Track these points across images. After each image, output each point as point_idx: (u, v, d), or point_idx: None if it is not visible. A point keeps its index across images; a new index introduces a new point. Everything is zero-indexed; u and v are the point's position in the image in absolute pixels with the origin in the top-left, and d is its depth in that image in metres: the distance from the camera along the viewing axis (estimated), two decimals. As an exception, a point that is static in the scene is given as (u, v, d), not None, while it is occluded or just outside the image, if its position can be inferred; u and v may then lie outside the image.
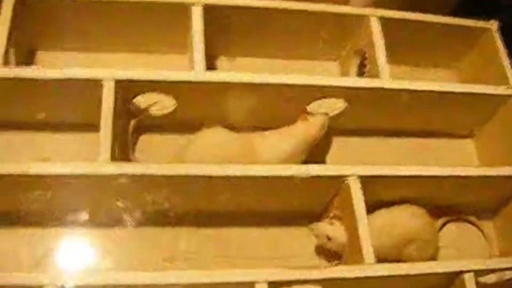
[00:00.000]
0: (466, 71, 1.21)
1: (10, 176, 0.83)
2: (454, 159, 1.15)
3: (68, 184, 0.85)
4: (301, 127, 1.00)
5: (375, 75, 1.03)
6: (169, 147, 1.02)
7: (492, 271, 0.91)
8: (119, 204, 0.89)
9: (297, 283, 0.84)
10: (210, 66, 1.07)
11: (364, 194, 0.91)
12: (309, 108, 1.02)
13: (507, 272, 0.92)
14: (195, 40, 0.97)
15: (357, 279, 0.85)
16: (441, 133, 1.16)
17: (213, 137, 0.98)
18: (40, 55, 1.08)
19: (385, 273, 0.86)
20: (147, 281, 0.79)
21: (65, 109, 0.97)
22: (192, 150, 0.96)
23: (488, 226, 1.10)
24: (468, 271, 0.89)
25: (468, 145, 1.18)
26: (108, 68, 0.93)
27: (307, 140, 1.00)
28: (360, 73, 1.11)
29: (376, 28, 1.05)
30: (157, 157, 1.01)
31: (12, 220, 0.91)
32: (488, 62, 1.13)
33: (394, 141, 1.13)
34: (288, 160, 0.98)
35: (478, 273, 0.90)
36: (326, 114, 1.02)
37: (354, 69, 1.13)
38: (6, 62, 0.92)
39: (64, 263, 0.92)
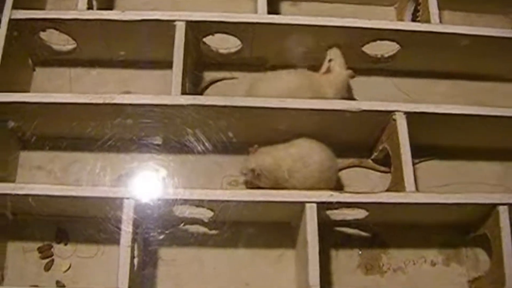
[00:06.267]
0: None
1: (98, 105, 0.94)
2: (503, 102, 1.15)
3: (145, 113, 0.96)
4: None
5: (427, 20, 1.07)
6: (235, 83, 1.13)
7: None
8: (188, 131, 1.00)
9: (344, 205, 0.93)
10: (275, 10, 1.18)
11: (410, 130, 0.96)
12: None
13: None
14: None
15: (398, 204, 0.92)
16: (491, 77, 1.18)
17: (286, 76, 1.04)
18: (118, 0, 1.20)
19: (424, 200, 0.92)
20: (212, 197, 0.89)
21: (143, 48, 1.08)
22: (265, 86, 1.03)
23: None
24: (503, 204, 0.92)
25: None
26: (180, 10, 1.02)
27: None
28: (415, 19, 1.16)
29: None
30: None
31: (98, 145, 1.03)
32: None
33: (443, 83, 1.17)
34: None
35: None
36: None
37: (409, 14, 1.17)
38: (89, 7, 1.04)
39: (140, 181, 1.04)
